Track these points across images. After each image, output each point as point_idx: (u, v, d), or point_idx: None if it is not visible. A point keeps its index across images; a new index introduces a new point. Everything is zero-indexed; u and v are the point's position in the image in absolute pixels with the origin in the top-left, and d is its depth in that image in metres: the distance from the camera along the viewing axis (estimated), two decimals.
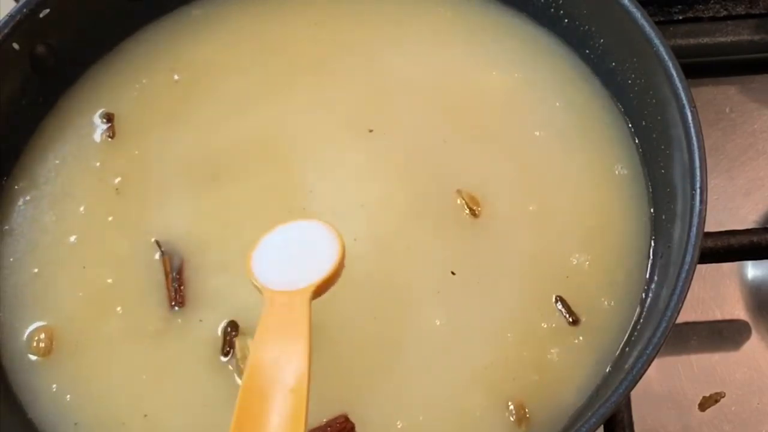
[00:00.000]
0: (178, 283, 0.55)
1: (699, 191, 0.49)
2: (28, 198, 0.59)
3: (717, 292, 0.67)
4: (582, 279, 0.55)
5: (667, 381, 0.64)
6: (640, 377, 0.45)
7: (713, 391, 0.63)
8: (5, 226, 0.58)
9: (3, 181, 0.59)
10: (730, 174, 0.71)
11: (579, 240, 0.56)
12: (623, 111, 0.60)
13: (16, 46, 0.56)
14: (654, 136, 0.57)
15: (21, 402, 0.54)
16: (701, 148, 0.50)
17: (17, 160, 0.60)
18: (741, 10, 0.73)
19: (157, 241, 0.57)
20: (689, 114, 0.51)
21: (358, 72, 0.62)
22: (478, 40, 0.63)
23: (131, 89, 0.62)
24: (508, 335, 0.54)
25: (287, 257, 0.46)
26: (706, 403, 0.63)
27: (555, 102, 0.61)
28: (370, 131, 0.60)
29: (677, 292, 0.47)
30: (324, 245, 0.47)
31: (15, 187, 0.60)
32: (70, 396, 0.54)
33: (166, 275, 0.56)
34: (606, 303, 0.55)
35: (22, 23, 0.56)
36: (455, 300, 0.55)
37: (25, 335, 0.55)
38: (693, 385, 0.64)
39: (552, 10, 0.62)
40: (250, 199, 0.58)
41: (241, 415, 0.38)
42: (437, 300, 0.55)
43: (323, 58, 0.63)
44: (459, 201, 0.57)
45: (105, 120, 0.61)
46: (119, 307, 0.56)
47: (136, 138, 0.61)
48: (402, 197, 0.58)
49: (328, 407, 0.51)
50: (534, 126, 0.60)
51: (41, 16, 0.57)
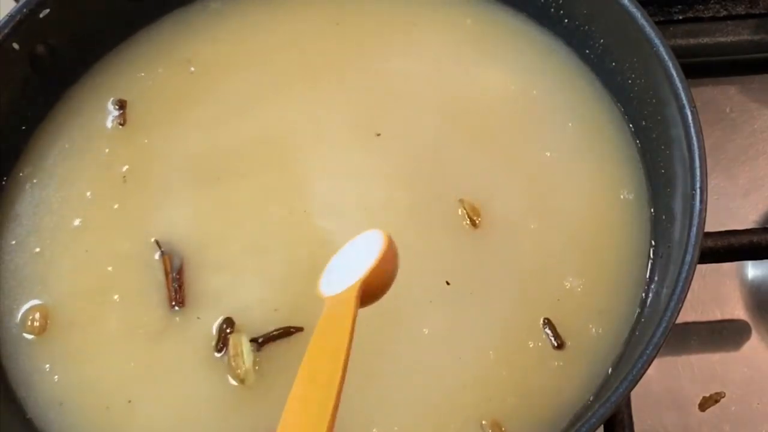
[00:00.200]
0: (178, 283, 0.55)
1: (699, 191, 0.49)
2: (35, 181, 0.59)
3: (717, 292, 0.67)
4: (573, 304, 0.55)
5: (667, 381, 0.64)
6: (640, 377, 0.45)
7: (713, 391, 0.63)
8: (11, 210, 0.59)
9: (6, 175, 0.59)
10: (730, 174, 0.71)
11: (575, 264, 0.56)
12: (623, 111, 0.60)
13: (16, 46, 0.56)
14: (654, 136, 0.57)
15: (9, 380, 0.54)
16: (701, 148, 0.50)
17: (25, 146, 0.60)
18: (741, 10, 0.73)
19: (157, 241, 0.56)
20: (689, 114, 0.51)
21: (370, 75, 0.62)
22: (483, 43, 0.63)
23: (146, 78, 0.63)
24: (490, 353, 0.53)
25: (344, 267, 0.47)
26: (706, 403, 0.63)
27: (567, 123, 0.60)
28: (377, 135, 0.59)
29: (677, 292, 0.47)
30: (372, 248, 0.47)
31: (21, 174, 0.60)
32: (57, 377, 0.54)
33: (166, 274, 0.56)
34: (594, 330, 0.54)
35: (22, 23, 0.56)
36: (446, 311, 0.54)
37: (21, 313, 0.56)
38: (693, 385, 0.64)
39: (552, 10, 0.62)
40: (252, 199, 0.58)
41: (287, 409, 0.39)
42: (429, 309, 0.54)
43: (339, 58, 0.63)
44: (460, 211, 0.57)
45: (117, 107, 0.61)
46: (116, 295, 0.56)
47: (146, 127, 0.61)
48: (405, 202, 0.57)
49: None
50: (542, 142, 0.59)
51: (41, 16, 0.57)
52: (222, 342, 0.53)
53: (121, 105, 0.61)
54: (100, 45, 0.63)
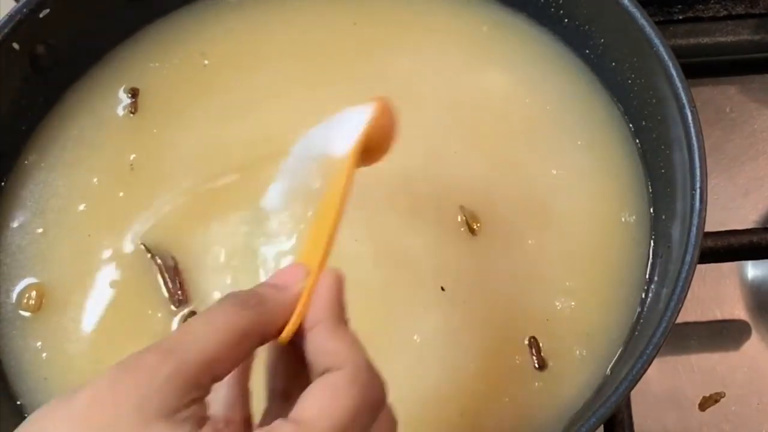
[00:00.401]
0: (178, 280, 0.55)
1: (699, 191, 0.49)
2: (42, 165, 0.60)
3: (717, 292, 0.67)
4: (561, 325, 0.54)
5: (667, 381, 0.64)
6: (640, 377, 0.45)
7: (713, 391, 0.63)
8: (16, 194, 0.59)
9: (6, 176, 0.60)
10: (730, 174, 0.71)
11: (568, 284, 0.55)
12: (623, 111, 0.60)
13: (16, 46, 0.56)
14: (654, 136, 0.57)
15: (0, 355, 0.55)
16: (701, 148, 0.50)
17: (29, 137, 0.61)
18: (741, 10, 0.73)
19: (144, 243, 0.57)
20: (689, 114, 0.51)
21: (383, 76, 0.62)
22: (495, 49, 0.63)
23: (160, 68, 0.63)
24: (471, 366, 0.53)
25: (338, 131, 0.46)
26: (706, 403, 0.63)
27: (577, 141, 0.59)
28: None
29: (677, 292, 0.47)
30: (365, 110, 0.46)
31: (27, 161, 0.60)
32: (46, 354, 0.55)
33: (161, 274, 0.56)
34: (578, 353, 0.53)
35: (22, 23, 0.56)
36: (437, 318, 0.54)
37: (18, 291, 0.56)
38: (693, 385, 0.64)
39: (552, 10, 0.62)
40: (254, 197, 0.57)
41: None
42: (421, 315, 0.54)
43: (354, 58, 0.63)
44: (460, 217, 0.56)
45: (130, 95, 0.61)
46: (114, 281, 0.56)
47: (156, 117, 0.61)
48: (405, 204, 0.57)
49: None
50: (544, 151, 0.59)
51: (41, 16, 0.57)
52: None
53: (134, 93, 0.62)
54: (100, 45, 0.63)
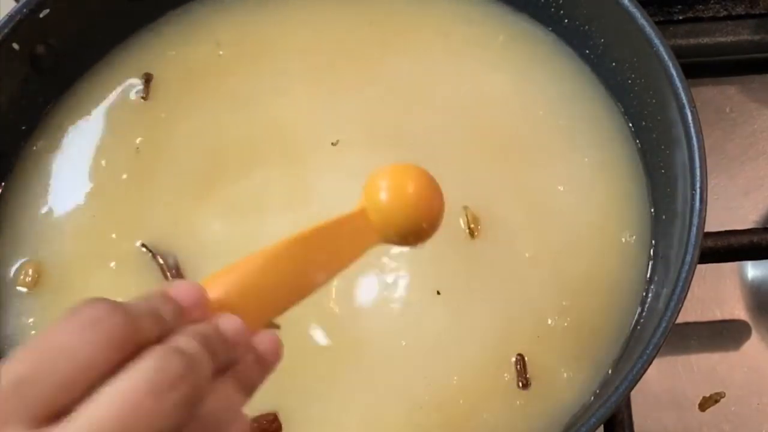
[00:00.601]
0: (176, 271, 0.56)
1: (699, 191, 0.49)
2: (51, 146, 0.60)
3: (717, 292, 0.67)
4: (551, 344, 0.53)
5: (667, 381, 0.64)
6: (640, 377, 0.45)
7: (713, 391, 0.63)
8: (22, 176, 0.60)
9: (7, 174, 0.60)
10: (730, 174, 0.71)
11: (562, 303, 0.54)
12: (623, 111, 0.60)
13: (16, 46, 0.56)
14: (654, 136, 0.57)
15: None
16: (701, 148, 0.50)
17: (38, 122, 0.61)
18: (741, 10, 0.73)
19: (144, 244, 0.56)
20: (689, 114, 0.51)
21: (395, 77, 0.62)
22: (485, 45, 0.63)
23: (176, 56, 0.63)
24: (454, 378, 0.52)
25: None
26: (706, 403, 0.63)
27: (577, 141, 0.59)
28: (392, 137, 0.59)
29: (677, 292, 0.47)
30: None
31: (34, 146, 0.60)
32: (35, 333, 0.55)
33: (162, 272, 0.56)
34: (564, 374, 0.52)
35: (22, 23, 0.56)
36: (428, 324, 0.54)
37: (16, 267, 0.57)
38: (693, 385, 0.64)
39: (552, 9, 0.62)
40: (253, 195, 0.58)
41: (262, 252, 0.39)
42: (414, 319, 0.54)
43: (368, 58, 0.62)
44: (462, 220, 0.56)
45: (144, 80, 0.62)
46: (113, 263, 0.56)
47: (167, 103, 0.61)
48: None
49: (265, 402, 0.51)
50: (550, 158, 0.59)
51: (41, 16, 0.57)
52: None
53: (148, 78, 0.62)
54: (100, 45, 0.63)
